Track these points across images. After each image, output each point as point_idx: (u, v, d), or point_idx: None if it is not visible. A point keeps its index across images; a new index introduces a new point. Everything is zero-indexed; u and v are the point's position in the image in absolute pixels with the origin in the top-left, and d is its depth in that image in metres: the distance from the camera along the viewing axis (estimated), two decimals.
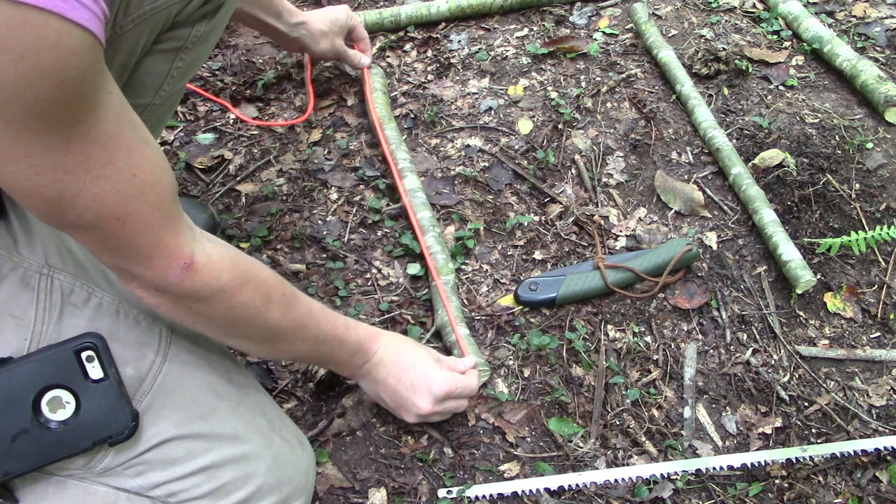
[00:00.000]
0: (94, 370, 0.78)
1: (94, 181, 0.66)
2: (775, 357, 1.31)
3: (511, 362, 1.28)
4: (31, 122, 0.60)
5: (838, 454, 1.18)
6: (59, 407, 0.78)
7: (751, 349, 1.31)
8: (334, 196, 1.51)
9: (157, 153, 0.73)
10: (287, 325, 0.91)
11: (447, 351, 1.26)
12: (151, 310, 0.85)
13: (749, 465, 1.17)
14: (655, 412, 1.24)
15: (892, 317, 1.36)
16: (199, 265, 0.78)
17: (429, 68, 1.77)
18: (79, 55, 0.59)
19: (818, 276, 1.38)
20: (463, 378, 1.12)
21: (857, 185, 1.52)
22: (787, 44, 1.84)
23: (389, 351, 1.09)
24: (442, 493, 1.12)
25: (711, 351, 1.31)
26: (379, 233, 1.45)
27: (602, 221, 1.47)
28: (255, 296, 0.85)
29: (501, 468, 1.16)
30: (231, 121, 1.66)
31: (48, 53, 0.56)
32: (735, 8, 1.94)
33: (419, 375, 1.09)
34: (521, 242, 1.44)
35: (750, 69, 1.74)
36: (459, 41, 1.83)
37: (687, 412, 1.24)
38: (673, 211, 1.50)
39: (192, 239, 0.78)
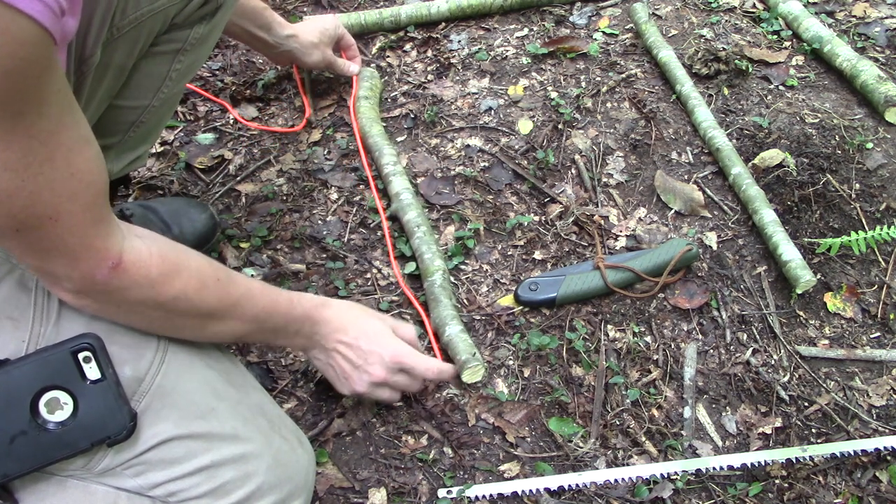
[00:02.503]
0: (92, 371, 0.78)
1: (31, 178, 0.65)
2: (775, 357, 1.31)
3: (511, 362, 1.28)
4: None
5: (838, 454, 1.18)
6: (57, 408, 0.78)
7: (751, 349, 1.31)
8: (334, 196, 1.51)
9: (97, 153, 0.72)
10: (225, 308, 0.90)
11: (444, 351, 1.25)
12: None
13: (749, 465, 1.17)
14: (655, 412, 1.24)
15: (892, 317, 1.36)
16: (127, 263, 0.77)
17: (429, 68, 1.78)
18: (26, 46, 0.58)
19: (818, 276, 1.38)
20: (417, 357, 1.11)
21: (857, 185, 1.52)
22: (787, 44, 1.84)
23: (341, 318, 1.07)
24: (442, 493, 1.12)
25: (711, 351, 1.31)
26: (379, 233, 1.45)
27: (602, 221, 1.47)
28: (188, 285, 0.84)
29: (501, 468, 1.16)
30: (231, 121, 1.66)
31: None
32: (735, 8, 1.94)
33: (372, 343, 1.07)
34: (521, 242, 1.44)
35: (750, 69, 1.74)
36: (459, 41, 1.83)
37: (687, 412, 1.24)
38: (673, 211, 1.50)
39: (120, 238, 0.77)
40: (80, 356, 0.77)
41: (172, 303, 0.83)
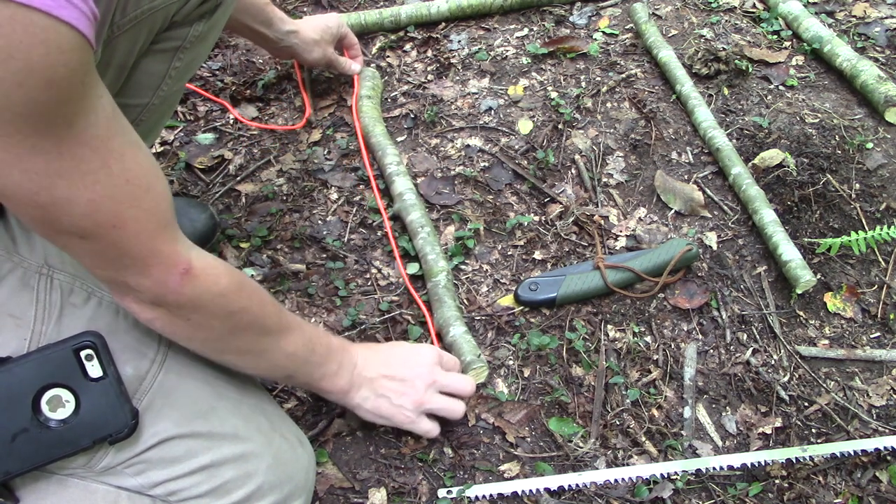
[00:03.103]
0: (94, 369, 0.78)
1: (88, 186, 0.65)
2: (775, 357, 1.31)
3: (511, 362, 1.28)
4: (21, 125, 0.59)
5: (838, 454, 1.18)
6: (59, 406, 0.78)
7: (751, 349, 1.31)
8: (334, 196, 1.51)
9: (150, 158, 0.72)
10: (280, 329, 0.90)
11: (447, 349, 1.25)
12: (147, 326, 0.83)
13: (749, 465, 1.17)
14: (655, 412, 1.24)
15: (892, 317, 1.36)
16: (198, 270, 0.76)
17: (429, 68, 1.78)
18: (67, 53, 0.58)
19: (818, 276, 1.38)
20: (447, 354, 1.14)
21: (857, 185, 1.52)
22: (787, 44, 1.84)
23: (369, 348, 1.10)
24: (442, 493, 1.12)
25: (711, 351, 1.31)
26: (379, 233, 1.45)
27: (602, 221, 1.47)
28: (252, 300, 0.84)
29: (501, 468, 1.16)
30: (231, 121, 1.66)
31: (36, 51, 0.56)
32: (735, 8, 1.94)
33: (404, 353, 1.10)
34: (521, 242, 1.44)
35: (750, 69, 1.74)
36: (459, 41, 1.83)
37: (687, 412, 1.24)
38: (673, 211, 1.50)
39: (188, 245, 0.77)
40: (82, 354, 0.78)
41: (240, 314, 0.83)
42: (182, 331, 0.82)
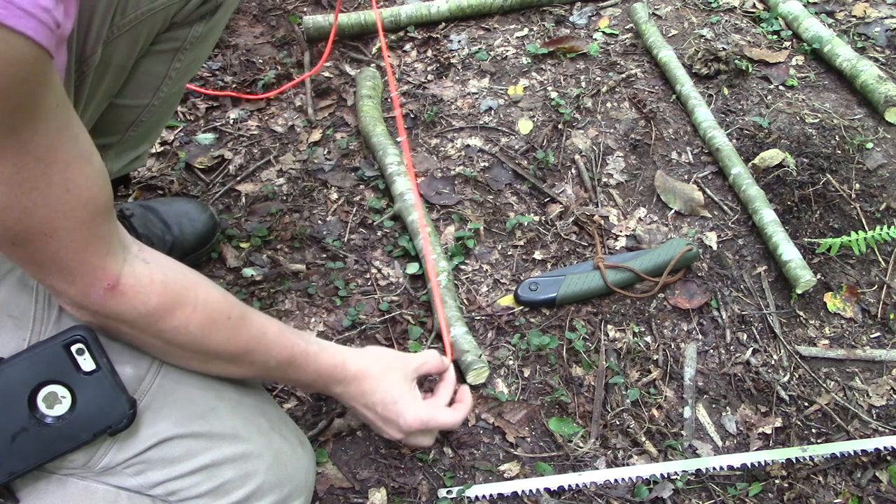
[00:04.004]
0: (86, 362, 0.78)
1: (25, 193, 0.64)
2: (775, 357, 1.31)
3: (511, 362, 1.28)
4: None
5: (838, 454, 1.18)
6: (56, 402, 0.78)
7: (751, 349, 1.31)
8: (334, 196, 1.51)
9: (97, 170, 0.71)
10: (232, 350, 0.87)
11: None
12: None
13: (749, 465, 1.17)
14: (655, 412, 1.24)
15: (892, 317, 1.36)
16: (125, 287, 0.75)
17: (429, 68, 1.78)
18: (18, 64, 0.57)
19: (818, 276, 1.38)
20: (440, 416, 1.04)
21: (857, 185, 1.52)
22: (787, 44, 1.84)
23: (359, 383, 1.01)
24: (442, 493, 1.12)
25: (711, 351, 1.31)
26: (379, 233, 1.45)
27: (602, 221, 1.47)
28: (191, 320, 0.81)
29: (501, 468, 1.16)
30: (231, 121, 1.66)
31: None
32: (735, 8, 1.94)
33: (389, 412, 1.02)
34: (521, 242, 1.44)
35: (750, 69, 1.74)
36: (459, 41, 1.83)
37: (687, 412, 1.24)
38: (673, 211, 1.50)
39: (121, 260, 0.76)
40: (73, 349, 0.77)
41: (171, 333, 0.80)
42: (116, 335, 0.81)
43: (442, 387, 1.09)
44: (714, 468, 1.17)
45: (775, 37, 1.86)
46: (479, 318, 1.34)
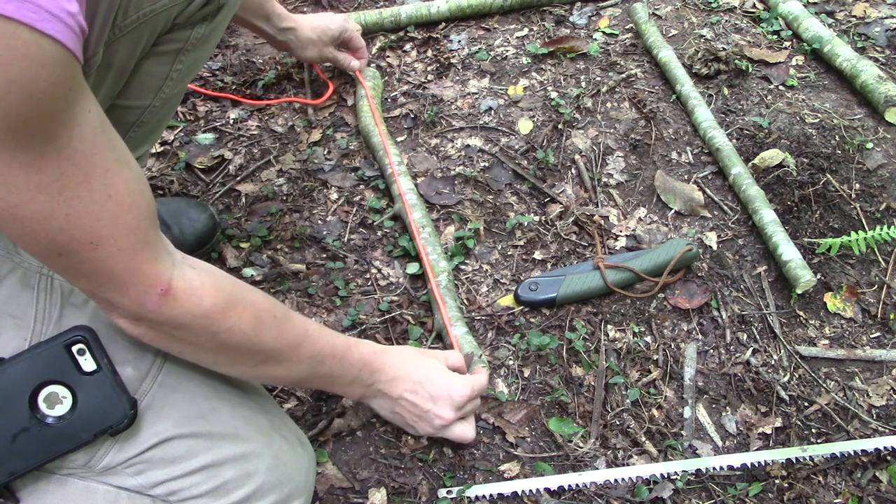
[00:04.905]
0: (87, 363, 0.78)
1: (67, 201, 0.64)
2: (775, 357, 1.31)
3: (511, 362, 1.28)
4: (1, 138, 0.58)
5: (838, 454, 1.18)
6: (57, 402, 0.78)
7: (751, 349, 1.31)
8: (334, 196, 1.52)
9: (137, 175, 0.71)
10: (280, 347, 0.89)
11: (448, 349, 1.25)
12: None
13: (749, 465, 1.17)
14: (655, 412, 1.24)
15: (892, 317, 1.36)
16: (178, 291, 0.75)
17: (429, 68, 1.78)
18: (49, 68, 0.57)
19: (818, 276, 1.38)
20: (476, 378, 1.11)
21: (857, 185, 1.52)
22: (787, 44, 1.84)
23: (400, 366, 1.06)
24: (442, 493, 1.12)
25: (711, 351, 1.31)
26: (379, 233, 1.45)
27: (602, 221, 1.47)
28: (242, 319, 0.82)
29: (501, 468, 1.16)
30: (231, 121, 1.66)
31: (17, 65, 0.55)
32: (735, 8, 1.94)
33: (438, 386, 1.06)
34: (521, 242, 1.45)
35: (750, 69, 1.74)
36: (459, 41, 1.83)
37: (687, 412, 1.24)
38: (673, 211, 1.50)
39: (170, 264, 0.76)
40: (74, 349, 0.77)
41: (226, 334, 0.81)
42: (170, 346, 0.81)
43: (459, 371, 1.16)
44: (714, 468, 1.17)
45: (775, 37, 1.86)
46: (479, 318, 1.34)
